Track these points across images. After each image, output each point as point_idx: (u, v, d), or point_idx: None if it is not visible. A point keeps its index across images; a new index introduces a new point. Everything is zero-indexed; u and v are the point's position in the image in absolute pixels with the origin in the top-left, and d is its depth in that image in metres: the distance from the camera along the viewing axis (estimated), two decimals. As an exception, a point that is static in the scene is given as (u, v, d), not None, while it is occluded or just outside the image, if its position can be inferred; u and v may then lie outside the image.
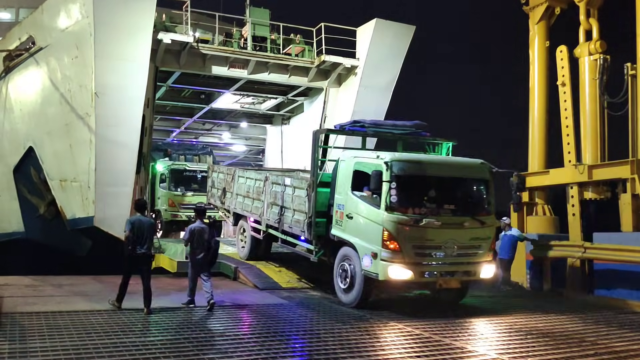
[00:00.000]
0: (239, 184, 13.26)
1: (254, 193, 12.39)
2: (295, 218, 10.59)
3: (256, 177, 12.49)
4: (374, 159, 9.17)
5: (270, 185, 11.63)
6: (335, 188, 9.98)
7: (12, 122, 17.03)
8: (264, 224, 11.87)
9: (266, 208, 11.74)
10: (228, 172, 14.20)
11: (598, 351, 7.11)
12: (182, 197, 18.49)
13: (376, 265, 8.75)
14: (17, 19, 28.36)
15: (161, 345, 6.70)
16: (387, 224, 8.70)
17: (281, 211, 11.05)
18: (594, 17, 13.45)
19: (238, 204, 13.25)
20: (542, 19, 14.46)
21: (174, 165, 19.30)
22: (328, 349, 6.77)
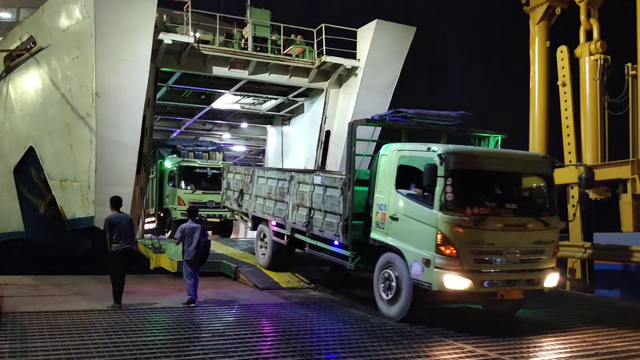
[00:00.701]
0: (259, 184, 12.32)
1: (276, 194, 11.40)
2: (327, 221, 9.59)
3: (279, 177, 11.49)
4: (425, 152, 8.04)
5: (296, 185, 10.63)
6: (375, 186, 8.93)
7: (13, 122, 17.03)
8: (288, 227, 10.86)
9: (291, 210, 10.76)
10: (246, 173, 13.25)
11: None
12: (192, 195, 18.00)
13: (429, 274, 7.66)
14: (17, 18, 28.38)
15: (162, 344, 6.69)
16: (442, 225, 7.58)
17: (310, 213, 10.05)
18: (594, 17, 13.47)
19: (258, 207, 12.29)
20: (543, 19, 14.48)
21: (184, 162, 18.74)
22: (329, 348, 6.76)
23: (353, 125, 9.27)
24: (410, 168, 8.29)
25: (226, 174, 14.73)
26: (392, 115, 9.49)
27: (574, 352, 7.06)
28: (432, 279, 7.65)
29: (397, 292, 8.25)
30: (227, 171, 14.75)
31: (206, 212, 17.64)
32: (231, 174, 14.43)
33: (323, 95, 18.29)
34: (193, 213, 10.01)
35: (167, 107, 21.20)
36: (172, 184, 18.53)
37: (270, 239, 11.71)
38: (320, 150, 18.38)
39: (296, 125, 21.16)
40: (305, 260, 13.64)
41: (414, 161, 8.27)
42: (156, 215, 19.54)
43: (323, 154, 18.36)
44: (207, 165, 19.06)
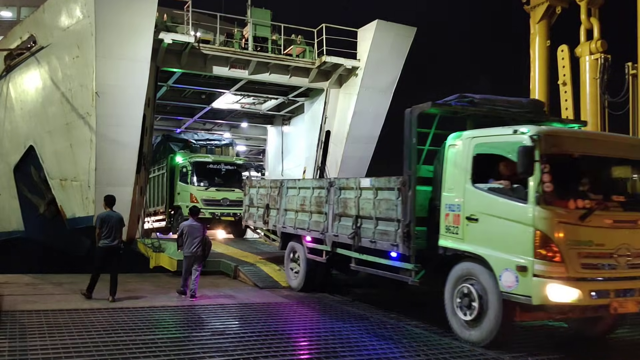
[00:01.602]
0: (289, 197, 11.12)
1: (311, 205, 10.17)
2: (381, 229, 8.27)
3: (314, 185, 10.36)
4: (510, 136, 6.71)
5: (337, 192, 9.40)
6: (442, 183, 7.57)
7: (13, 121, 17.05)
8: (328, 242, 9.57)
9: (331, 221, 9.50)
10: (273, 186, 12.01)
11: None
12: (205, 192, 17.29)
13: (526, 284, 6.23)
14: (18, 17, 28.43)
15: (161, 343, 6.68)
16: (541, 222, 6.22)
17: (356, 223, 8.75)
18: (595, 17, 13.48)
19: (288, 222, 11.03)
20: (543, 18, 14.48)
21: (197, 157, 17.97)
22: (328, 347, 6.75)
23: (413, 112, 7.73)
24: (492, 157, 6.95)
25: (248, 189, 13.38)
26: (457, 100, 8.05)
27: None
28: (532, 290, 6.20)
29: (480, 310, 6.79)
30: (250, 186, 13.41)
31: (220, 210, 17.22)
32: (254, 188, 13.06)
33: (323, 96, 18.29)
34: (194, 213, 10.35)
35: (168, 107, 21.17)
36: (183, 180, 17.70)
37: (305, 256, 10.43)
38: (320, 150, 18.38)
39: (296, 125, 21.15)
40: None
41: (496, 149, 6.91)
42: (166, 213, 18.84)
43: (323, 154, 18.35)
44: (221, 160, 18.32)
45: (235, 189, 17.23)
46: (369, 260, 8.71)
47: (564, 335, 7.94)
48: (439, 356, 6.53)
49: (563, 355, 6.84)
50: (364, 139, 17.91)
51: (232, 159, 18.91)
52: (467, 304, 6.99)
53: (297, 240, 10.85)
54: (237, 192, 17.09)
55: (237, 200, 16.87)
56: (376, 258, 8.53)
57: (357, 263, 9.08)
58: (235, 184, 17.45)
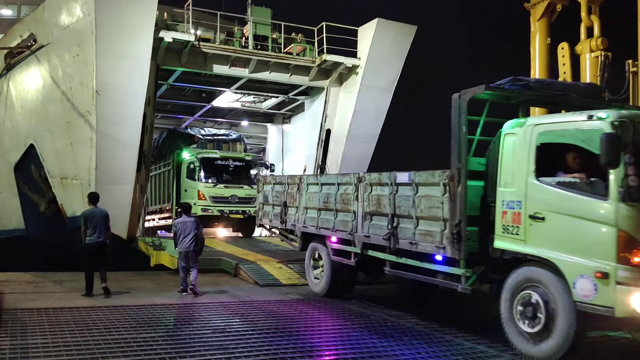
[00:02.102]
0: (310, 194, 10.28)
1: (337, 202, 9.31)
2: (423, 229, 7.43)
3: (340, 181, 9.41)
4: (584, 121, 5.92)
5: (368, 189, 8.52)
6: (497, 177, 6.78)
7: (13, 119, 17.06)
8: (358, 243, 8.74)
9: (361, 220, 8.65)
10: (291, 182, 11.13)
11: None
12: (213, 189, 16.81)
13: (607, 293, 5.52)
14: (19, 15, 28.44)
15: (162, 341, 6.70)
16: (625, 222, 5.49)
17: (392, 222, 7.88)
18: (595, 14, 13.46)
19: (309, 221, 10.21)
20: (544, 16, 14.46)
21: (204, 153, 17.46)
22: (329, 345, 6.76)
23: (462, 97, 6.86)
24: (560, 147, 6.21)
25: (262, 185, 12.51)
26: (511, 84, 7.30)
27: None
28: (614, 300, 5.48)
29: (547, 322, 6.04)
30: (264, 182, 12.50)
31: (228, 208, 16.86)
32: (269, 185, 12.14)
33: (324, 94, 18.29)
34: (187, 209, 10.59)
35: (168, 105, 21.18)
36: (190, 176, 17.14)
37: (329, 259, 9.68)
38: (320, 149, 18.39)
39: (297, 124, 21.16)
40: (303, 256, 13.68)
41: (566, 137, 6.13)
42: (172, 211, 18.31)
43: (323, 152, 18.34)
44: (230, 156, 17.80)
45: (244, 186, 17.02)
46: (408, 264, 7.81)
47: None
48: (440, 354, 6.53)
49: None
50: (365, 137, 17.92)
51: (241, 155, 18.43)
52: (531, 314, 6.21)
53: (319, 240, 10.07)
54: (246, 189, 16.97)
55: (246, 197, 16.71)
56: (417, 262, 7.64)
57: (393, 267, 8.20)
58: (244, 180, 17.22)
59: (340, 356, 6.31)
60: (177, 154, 18.04)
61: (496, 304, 6.71)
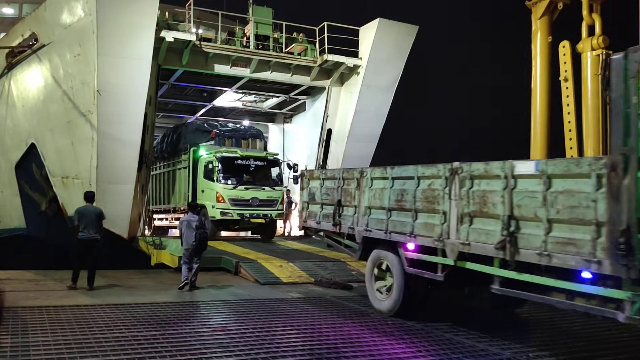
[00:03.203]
0: (375, 190, 8.63)
1: (418, 201, 7.69)
2: (560, 236, 5.72)
3: (422, 174, 7.71)
4: None
5: (467, 183, 6.86)
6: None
7: (15, 118, 17.10)
8: (451, 252, 7.02)
9: (455, 223, 7.00)
10: (347, 176, 9.48)
11: None
12: (233, 190, 15.58)
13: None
14: (20, 14, 28.49)
15: (163, 339, 6.69)
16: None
17: (508, 226, 6.16)
18: (596, 12, 13.41)
19: (374, 223, 8.58)
20: (545, 14, 14.41)
21: (224, 151, 16.20)
22: (330, 343, 6.75)
23: (630, 57, 5.17)
24: None
25: (307, 181, 10.93)
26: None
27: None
28: None
29: None
30: (310, 177, 10.88)
31: (249, 212, 15.69)
32: (316, 180, 10.56)
33: (325, 94, 18.32)
34: (193, 207, 11.01)
35: (169, 105, 21.22)
36: (208, 177, 15.96)
37: (402, 270, 8.09)
38: (321, 149, 18.40)
39: (298, 123, 21.18)
40: (303, 255, 13.70)
41: None
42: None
43: (324, 152, 18.34)
44: (251, 155, 16.57)
45: (266, 188, 16.08)
46: (535, 282, 6.05)
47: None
48: (440, 352, 6.52)
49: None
50: (366, 137, 17.94)
51: (263, 154, 17.11)
52: None
53: (387, 248, 8.41)
54: (268, 191, 16.04)
55: (267, 199, 15.86)
56: (548, 280, 5.93)
57: (505, 284, 6.48)
58: (266, 181, 16.29)
59: (340, 355, 6.30)
60: (194, 151, 16.92)
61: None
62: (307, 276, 11.47)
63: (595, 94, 13.15)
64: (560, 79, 13.91)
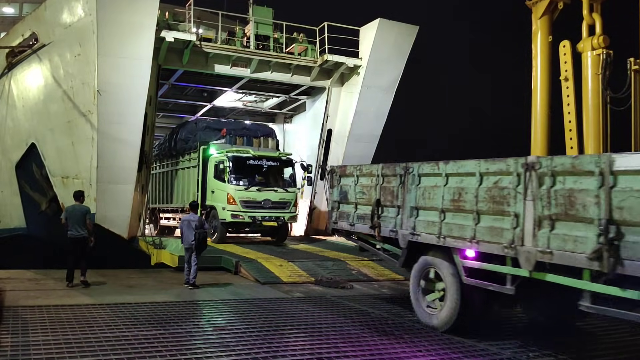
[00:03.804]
0: (424, 189, 7.71)
1: (481, 201, 6.73)
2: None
3: (487, 170, 6.71)
4: None
5: (547, 181, 5.89)
6: None
7: (15, 118, 17.11)
8: (525, 261, 6.08)
9: (532, 228, 6.03)
10: (388, 173, 8.53)
11: None
12: (245, 192, 15.01)
13: None
14: (21, 13, 28.52)
15: (163, 338, 6.69)
16: None
17: (606, 232, 5.23)
18: (597, 12, 13.40)
19: (424, 226, 7.66)
20: (545, 14, 14.40)
21: (235, 151, 15.58)
22: (330, 343, 6.75)
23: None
24: None
25: (337, 178, 9.98)
26: None
27: None
28: None
29: None
30: (341, 174, 9.92)
31: (261, 214, 15.13)
32: (349, 178, 9.62)
33: (325, 94, 18.33)
34: (194, 207, 11.13)
35: (169, 105, 21.23)
36: (219, 177, 15.40)
37: (457, 281, 7.18)
38: (322, 149, 18.39)
39: (298, 123, 21.17)
40: (304, 254, 13.71)
41: None
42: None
43: (325, 152, 18.34)
44: (264, 155, 15.96)
45: (278, 189, 15.57)
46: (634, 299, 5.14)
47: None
48: (440, 351, 6.52)
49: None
50: (366, 137, 17.93)
51: (276, 154, 16.51)
52: None
53: (440, 254, 7.54)
54: (280, 193, 15.55)
55: (280, 202, 15.41)
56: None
57: (594, 301, 5.60)
58: (278, 182, 15.83)
59: (341, 354, 6.29)
60: (204, 149, 16.31)
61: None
62: (308, 276, 11.46)
63: (595, 94, 13.15)
64: (561, 79, 13.90)
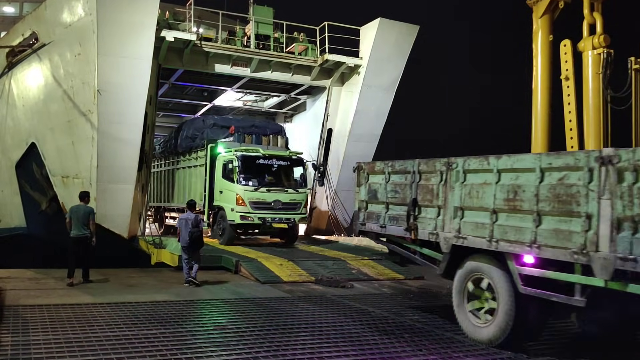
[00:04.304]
0: (472, 186, 6.95)
1: (542, 201, 5.97)
2: None
3: (547, 165, 6.00)
4: None
5: (628, 177, 5.25)
6: None
7: (15, 117, 17.10)
8: (601, 269, 5.35)
9: (609, 231, 5.33)
10: (427, 169, 7.77)
11: None
12: (254, 193, 14.51)
13: None
14: (21, 13, 28.52)
15: (163, 338, 6.69)
16: None
17: None
18: (598, 11, 13.38)
19: (471, 229, 6.91)
20: (546, 13, 14.37)
21: (245, 150, 15.06)
22: (330, 342, 6.74)
23: None
24: None
25: (365, 176, 9.20)
26: None
27: None
28: None
29: None
30: (370, 171, 9.13)
31: (271, 216, 14.58)
32: (378, 175, 8.87)
33: (325, 93, 18.31)
34: (191, 206, 11.21)
35: (169, 104, 21.22)
36: (228, 177, 14.91)
37: (512, 290, 6.45)
38: (322, 148, 18.39)
39: (298, 123, 21.16)
40: (304, 253, 13.70)
41: None
42: (206, 213, 15.87)
43: (325, 152, 18.32)
44: (274, 154, 15.41)
45: (289, 190, 15.03)
46: None
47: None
48: (441, 350, 6.52)
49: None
50: (366, 137, 17.91)
51: (287, 153, 15.95)
52: None
53: (490, 260, 6.80)
54: (291, 194, 15.02)
55: (290, 202, 14.92)
56: None
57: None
58: (288, 182, 15.28)
59: (341, 353, 6.29)
60: (212, 147, 15.82)
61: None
62: (308, 275, 11.47)
63: (596, 93, 13.13)
64: (561, 78, 13.89)
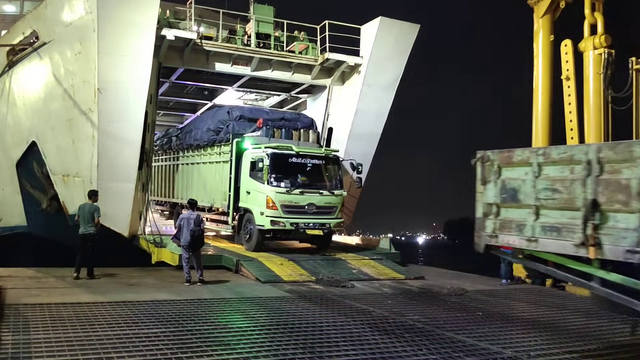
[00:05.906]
0: None
1: None
2: None
3: None
4: None
5: None
6: None
7: (15, 116, 17.08)
8: None
9: None
10: (614, 159, 5.82)
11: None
12: (287, 195, 12.97)
13: None
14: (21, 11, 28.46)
15: (164, 337, 6.68)
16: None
17: None
18: (599, 11, 13.41)
19: None
20: (547, 13, 14.40)
21: (276, 147, 13.43)
22: (330, 341, 6.75)
23: None
24: None
25: (493, 170, 7.26)
26: None
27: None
28: None
29: None
30: (502, 162, 7.15)
31: (304, 221, 13.08)
32: (519, 167, 6.90)
33: (326, 92, 18.31)
34: (193, 205, 11.29)
35: (170, 103, 21.22)
36: (256, 176, 13.44)
37: None
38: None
39: (299, 122, 21.10)
40: (304, 253, 13.67)
41: None
42: (230, 215, 14.38)
43: None
44: (308, 152, 13.73)
45: (323, 191, 13.48)
46: None
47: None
48: (441, 350, 6.51)
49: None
50: (367, 136, 17.90)
51: (322, 150, 14.32)
52: None
53: None
54: (326, 196, 13.47)
55: (325, 206, 13.41)
56: None
57: None
58: (324, 183, 13.70)
59: (342, 353, 6.29)
60: (237, 142, 14.26)
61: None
62: (308, 275, 11.47)
63: (597, 93, 13.16)
64: (562, 78, 13.91)
